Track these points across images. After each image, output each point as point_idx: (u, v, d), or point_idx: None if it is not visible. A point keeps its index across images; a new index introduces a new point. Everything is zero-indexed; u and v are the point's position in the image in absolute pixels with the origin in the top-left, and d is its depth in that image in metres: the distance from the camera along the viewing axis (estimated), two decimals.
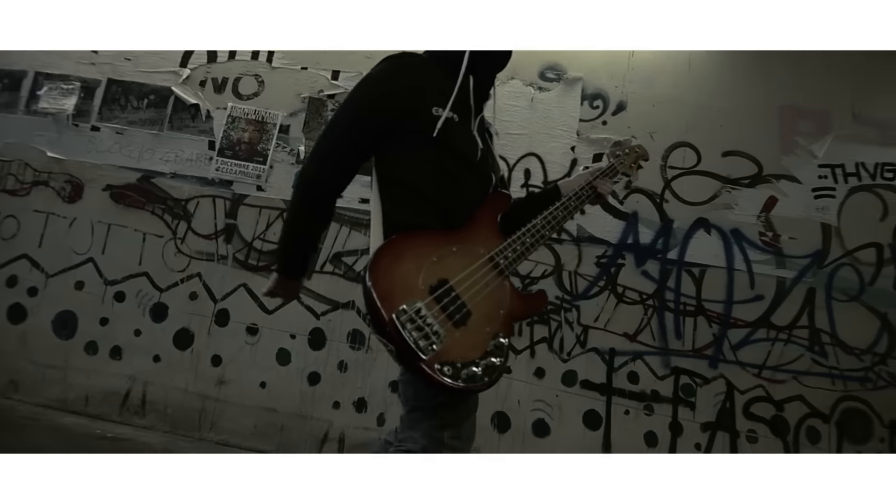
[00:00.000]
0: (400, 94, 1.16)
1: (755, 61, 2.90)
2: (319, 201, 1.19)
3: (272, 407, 2.52)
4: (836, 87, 2.90)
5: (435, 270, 1.06)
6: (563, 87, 2.83)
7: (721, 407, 2.61)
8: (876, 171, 2.83)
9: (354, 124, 1.16)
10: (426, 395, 1.11)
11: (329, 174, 1.18)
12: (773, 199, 2.79)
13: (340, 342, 2.59)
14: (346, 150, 1.17)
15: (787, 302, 2.70)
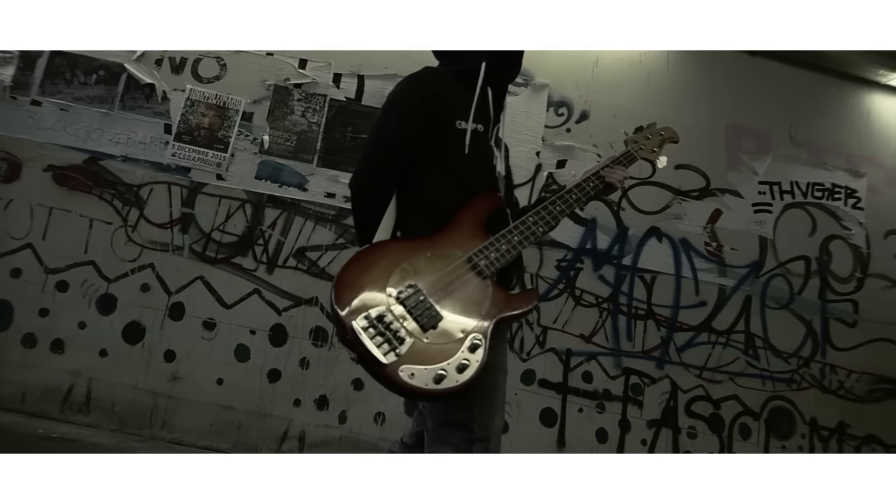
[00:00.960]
0: (429, 101, 1.25)
1: (708, 80, 3.24)
2: (379, 208, 1.25)
3: (229, 404, 2.57)
4: (777, 110, 3.30)
5: (404, 276, 1.12)
6: (531, 92, 3.05)
7: (666, 405, 2.94)
8: (808, 189, 3.26)
9: (397, 128, 1.24)
10: (455, 409, 1.16)
11: (381, 182, 1.24)
12: (718, 211, 3.16)
13: (303, 339, 2.67)
14: (396, 154, 1.23)
15: (727, 308, 3.07)
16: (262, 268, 2.68)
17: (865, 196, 3.30)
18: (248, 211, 2.71)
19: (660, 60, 3.21)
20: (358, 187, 1.26)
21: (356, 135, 2.83)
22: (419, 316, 1.09)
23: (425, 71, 1.31)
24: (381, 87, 2.88)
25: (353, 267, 1.14)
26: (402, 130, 1.24)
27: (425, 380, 1.03)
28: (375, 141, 1.26)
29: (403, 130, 1.24)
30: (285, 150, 2.76)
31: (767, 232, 3.17)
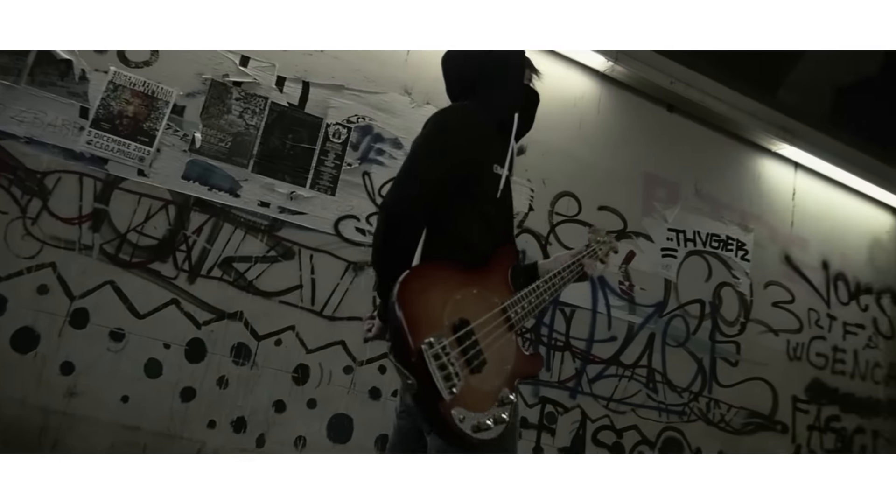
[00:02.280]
0: (477, 143, 1.35)
1: (632, 130, 3.73)
2: (413, 239, 1.27)
3: (134, 424, 2.49)
4: (687, 165, 3.88)
5: (458, 308, 1.16)
6: None
7: (575, 433, 3.31)
8: (706, 239, 3.86)
9: (447, 159, 1.30)
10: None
11: (418, 215, 1.27)
12: (632, 253, 3.63)
13: (222, 356, 2.66)
14: (432, 187, 1.28)
15: (634, 344, 3.53)
16: (182, 276, 2.64)
17: (752, 249, 3.98)
18: (171, 213, 2.66)
19: (592, 106, 3.64)
20: (403, 211, 1.26)
21: (296, 143, 2.90)
22: (471, 357, 1.13)
23: (473, 111, 1.41)
24: (326, 97, 2.97)
25: (415, 284, 1.14)
26: (453, 163, 1.31)
27: (469, 425, 1.06)
28: (426, 167, 1.30)
29: (455, 163, 1.31)
30: (218, 152, 2.75)
31: (671, 275, 3.70)
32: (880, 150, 4.57)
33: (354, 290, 2.92)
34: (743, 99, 3.95)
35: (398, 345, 1.08)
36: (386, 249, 1.27)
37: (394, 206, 1.27)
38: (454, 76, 1.59)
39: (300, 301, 2.82)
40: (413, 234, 1.27)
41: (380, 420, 2.88)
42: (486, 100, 1.46)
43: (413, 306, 1.10)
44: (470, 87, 1.51)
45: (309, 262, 2.86)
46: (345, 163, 2.98)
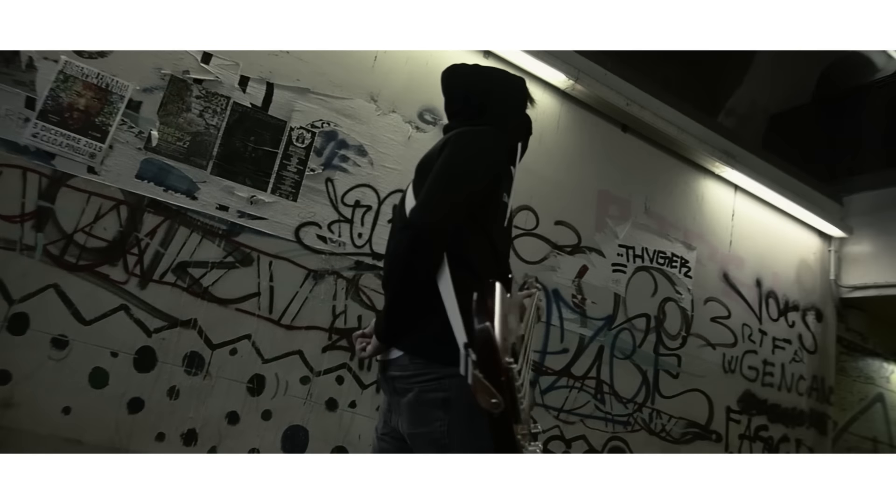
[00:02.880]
0: (498, 167, 1.35)
1: (589, 147, 3.86)
2: (439, 260, 1.24)
3: (76, 438, 2.35)
4: (638, 183, 4.05)
5: (508, 329, 1.10)
6: (438, 132, 3.33)
7: None
8: (654, 256, 4.04)
9: (475, 184, 1.29)
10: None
11: (446, 236, 1.24)
12: (585, 267, 3.76)
13: (174, 365, 2.56)
14: (465, 209, 1.26)
15: (584, 356, 3.66)
16: (133, 281, 2.53)
17: (694, 266, 4.20)
18: (122, 214, 2.53)
19: (552, 122, 3.74)
20: (437, 231, 1.23)
21: (258, 146, 2.83)
22: (523, 380, 1.10)
23: (504, 137, 1.40)
24: (290, 100, 2.92)
25: (503, 300, 1.10)
26: (483, 186, 1.31)
27: (524, 448, 1.05)
28: (464, 188, 1.28)
29: (482, 187, 1.31)
30: (176, 151, 2.65)
31: (620, 290, 3.86)
32: (809, 176, 4.93)
33: (314, 299, 2.88)
34: (691, 123, 4.17)
35: (488, 361, 1.01)
36: (412, 268, 1.24)
37: (428, 225, 1.22)
38: (459, 95, 1.57)
39: (257, 309, 2.75)
40: (441, 254, 1.24)
41: (335, 432, 2.86)
42: (501, 126, 1.47)
43: (502, 323, 1.05)
44: (478, 109, 1.50)
45: (268, 269, 2.80)
46: (308, 168, 2.93)
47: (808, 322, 4.79)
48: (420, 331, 1.27)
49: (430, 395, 1.24)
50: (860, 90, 6.15)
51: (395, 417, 1.37)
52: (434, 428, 1.22)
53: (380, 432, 1.47)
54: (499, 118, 1.48)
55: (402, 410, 1.31)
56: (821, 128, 5.94)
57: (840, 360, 4.94)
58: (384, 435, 1.44)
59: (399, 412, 1.33)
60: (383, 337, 1.30)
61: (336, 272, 2.95)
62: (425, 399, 1.24)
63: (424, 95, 3.28)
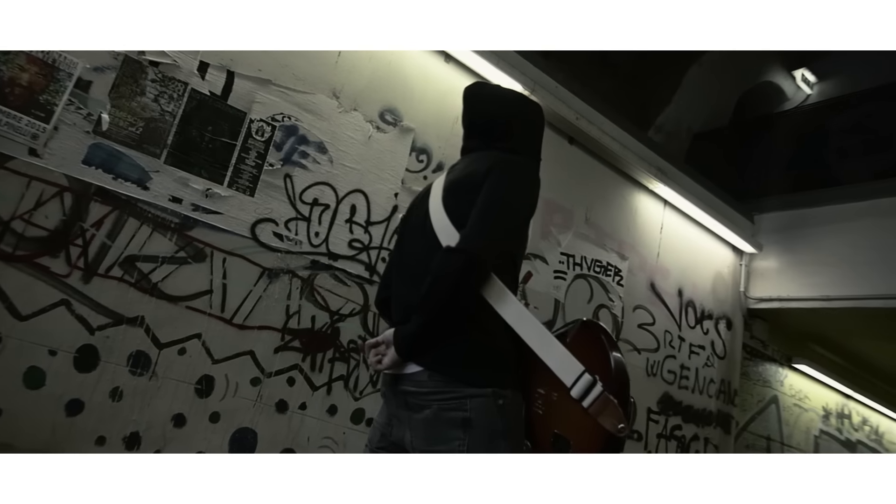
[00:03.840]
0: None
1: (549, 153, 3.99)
2: (483, 281, 1.31)
3: (7, 442, 2.17)
4: (581, 194, 4.24)
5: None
6: (398, 133, 3.33)
7: None
8: (591, 264, 4.26)
9: (526, 216, 1.41)
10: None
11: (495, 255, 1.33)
12: (530, 273, 3.90)
13: (118, 365, 2.42)
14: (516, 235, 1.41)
15: None
16: (76, 274, 2.36)
17: (626, 276, 4.46)
18: (66, 201, 2.35)
19: None
20: (489, 258, 1.30)
21: (216, 136, 2.71)
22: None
23: (538, 164, 1.53)
24: (251, 90, 2.82)
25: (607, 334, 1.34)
26: (529, 218, 1.43)
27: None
28: (518, 219, 1.40)
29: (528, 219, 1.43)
30: (127, 137, 2.49)
31: (560, 296, 4.04)
32: (725, 195, 5.35)
33: (268, 298, 2.82)
34: (629, 139, 4.41)
35: (623, 391, 1.21)
36: (458, 291, 1.28)
37: (483, 252, 1.29)
38: (483, 112, 1.61)
39: (209, 307, 2.66)
40: (484, 280, 1.31)
41: (285, 434, 2.82)
42: (533, 154, 1.54)
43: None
44: (503, 133, 1.54)
45: (221, 265, 2.70)
46: (266, 163, 2.85)
47: (719, 330, 5.22)
48: (445, 349, 1.30)
49: (450, 413, 1.27)
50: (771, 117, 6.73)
51: (400, 432, 1.39)
52: (453, 447, 1.26)
53: (374, 445, 1.48)
54: (528, 145, 1.55)
55: (415, 426, 1.33)
56: (736, 150, 6.45)
57: (744, 365, 5.42)
58: (380, 448, 1.46)
59: (409, 427, 1.35)
60: (406, 353, 1.32)
61: (291, 271, 2.90)
62: (445, 418, 1.28)
63: (386, 95, 3.27)
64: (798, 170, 5.89)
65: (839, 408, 6.61)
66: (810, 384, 6.18)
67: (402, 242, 1.62)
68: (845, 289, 4.82)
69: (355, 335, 3.08)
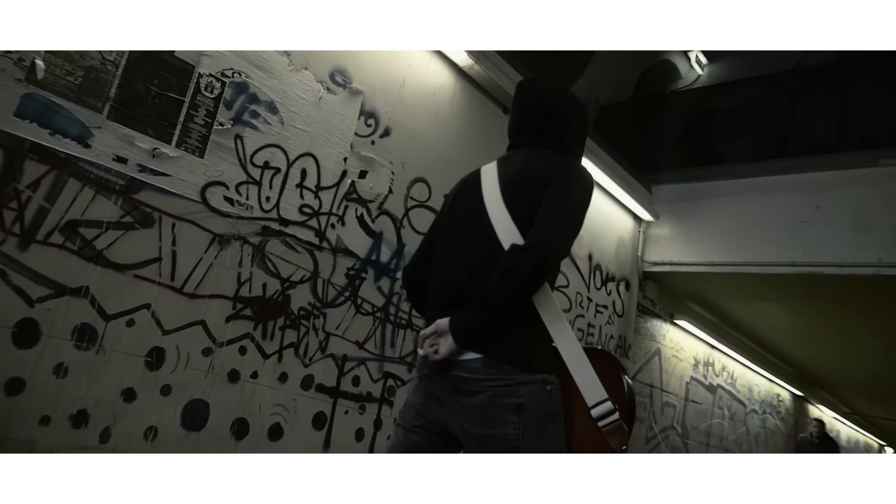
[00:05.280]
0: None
1: (476, 126, 4.05)
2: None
3: None
4: None
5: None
6: (347, 95, 3.23)
7: None
8: None
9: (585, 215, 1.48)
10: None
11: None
12: None
13: (61, 339, 2.21)
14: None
15: None
16: (11, 241, 2.10)
17: None
18: None
19: (447, 98, 3.84)
20: (556, 262, 1.43)
21: (163, 91, 2.48)
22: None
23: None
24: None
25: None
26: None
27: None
28: (580, 225, 1.47)
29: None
30: (65, 88, 2.21)
31: None
32: (628, 165, 5.76)
33: (219, 266, 2.69)
34: None
35: (632, 416, 1.43)
36: (528, 287, 1.36)
37: (555, 254, 1.38)
38: (539, 109, 1.63)
39: (158, 276, 2.50)
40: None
41: (237, 404, 2.76)
42: (579, 156, 1.59)
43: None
44: (557, 132, 1.60)
45: (170, 231, 2.53)
46: (216, 122, 2.67)
47: (619, 291, 5.71)
48: (501, 339, 1.37)
49: (505, 399, 1.35)
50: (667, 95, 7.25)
51: (444, 414, 1.45)
52: (508, 430, 1.34)
53: (409, 424, 1.53)
54: (578, 147, 1.61)
55: (467, 411, 1.39)
56: (636, 124, 6.91)
57: (636, 322, 5.99)
58: (415, 427, 1.51)
59: (459, 411, 1.41)
60: (465, 342, 1.37)
61: (242, 237, 2.78)
62: (499, 403, 1.35)
63: (336, 54, 3.14)
64: (689, 145, 6.45)
65: (705, 357, 7.53)
66: (686, 337, 6.96)
67: (449, 229, 1.62)
68: (726, 256, 5.44)
69: (305, 302, 3.03)
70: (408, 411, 1.55)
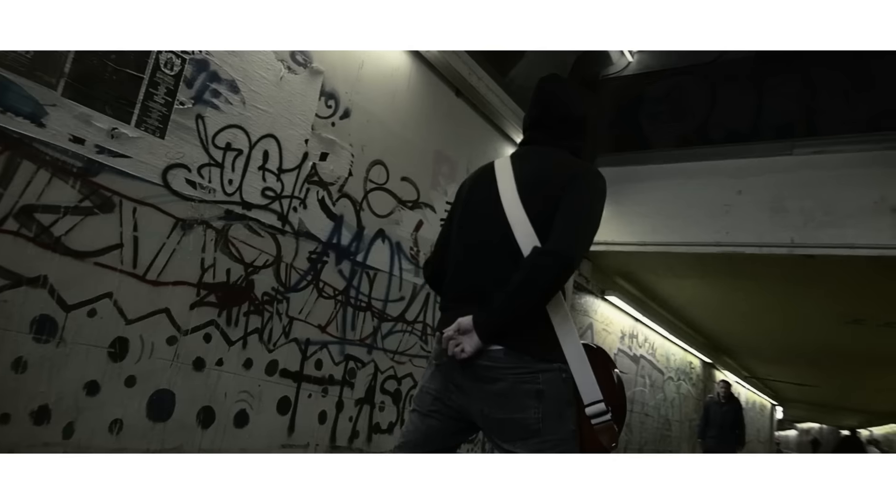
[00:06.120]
0: None
1: (431, 108, 4.06)
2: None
3: None
4: (464, 146, 4.43)
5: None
6: (308, 75, 3.14)
7: (369, 385, 3.63)
8: None
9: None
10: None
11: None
12: (422, 221, 4.04)
13: (19, 332, 2.05)
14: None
15: (415, 303, 4.00)
16: None
17: None
18: None
19: (403, 80, 3.82)
20: (581, 259, 1.52)
21: (120, 67, 2.33)
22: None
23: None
24: None
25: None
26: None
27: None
28: (597, 228, 1.52)
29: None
30: (16, 62, 2.02)
31: None
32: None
33: (182, 251, 2.58)
34: (504, 95, 4.67)
35: (622, 416, 1.54)
36: (552, 289, 1.43)
37: (576, 259, 1.42)
38: (557, 109, 1.67)
39: (119, 263, 2.37)
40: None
41: (202, 393, 2.69)
42: (585, 156, 1.64)
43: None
44: (571, 131, 1.65)
45: (132, 216, 2.40)
46: (177, 101, 2.53)
47: None
48: (521, 332, 1.44)
49: (525, 386, 1.42)
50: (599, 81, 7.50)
51: (464, 400, 1.51)
52: (529, 415, 1.42)
53: (426, 409, 1.58)
54: (586, 147, 1.64)
55: (489, 397, 1.46)
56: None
57: (572, 300, 6.26)
58: (433, 412, 1.57)
59: (480, 398, 1.48)
60: (490, 338, 1.42)
61: (205, 222, 2.67)
62: (521, 389, 1.43)
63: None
64: (622, 131, 6.74)
65: (630, 330, 8.00)
66: (614, 312, 7.36)
67: (465, 224, 1.64)
68: (656, 236, 5.77)
69: (269, 287, 2.97)
70: (424, 397, 1.59)
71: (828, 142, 5.08)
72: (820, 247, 4.87)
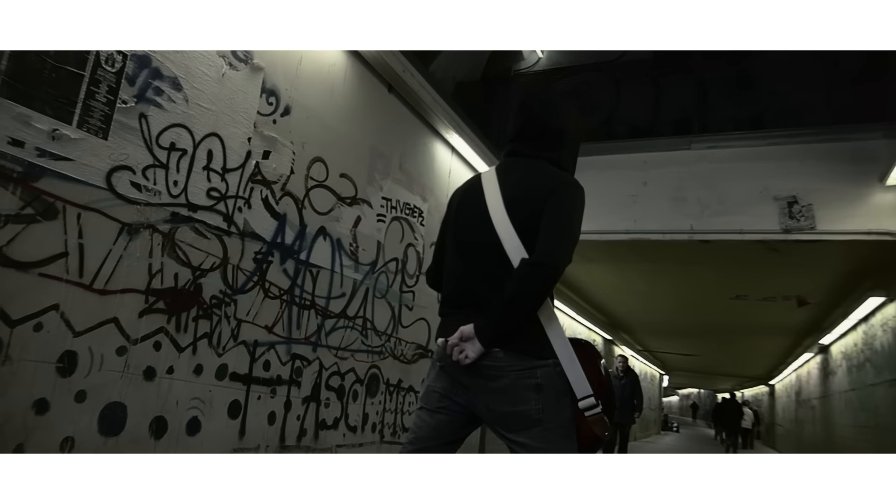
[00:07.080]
0: None
1: (365, 104, 4.06)
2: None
3: None
4: (396, 141, 4.48)
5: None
6: (249, 72, 3.05)
7: (314, 383, 3.63)
8: (403, 207, 4.60)
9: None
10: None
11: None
12: (360, 217, 4.05)
13: None
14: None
15: (355, 299, 4.03)
16: None
17: (426, 216, 4.93)
18: None
19: (340, 77, 3.80)
20: (565, 267, 1.55)
21: (60, 64, 2.17)
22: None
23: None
24: None
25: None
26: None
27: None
28: (578, 236, 1.63)
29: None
30: None
31: (381, 238, 4.31)
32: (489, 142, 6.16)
33: (129, 257, 2.47)
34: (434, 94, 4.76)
35: (611, 408, 1.67)
36: (542, 298, 1.54)
37: (561, 267, 1.52)
38: (538, 121, 1.75)
39: (65, 273, 2.23)
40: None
41: (154, 402, 2.59)
42: (572, 168, 1.74)
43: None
44: (553, 143, 1.73)
45: (76, 222, 2.26)
46: (119, 99, 2.40)
47: None
48: (518, 334, 1.58)
49: (525, 381, 1.56)
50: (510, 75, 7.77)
51: (469, 397, 1.64)
52: (530, 406, 1.55)
53: (434, 406, 1.68)
54: (572, 159, 1.76)
55: (493, 392, 1.58)
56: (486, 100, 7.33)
57: None
58: (441, 408, 1.68)
59: (486, 393, 1.60)
60: (491, 345, 1.54)
61: (152, 225, 2.56)
62: (521, 384, 1.56)
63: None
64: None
65: None
66: None
67: (458, 234, 1.73)
68: None
69: (217, 290, 2.90)
70: (431, 395, 1.69)
71: (720, 138, 5.65)
72: (715, 232, 5.43)
